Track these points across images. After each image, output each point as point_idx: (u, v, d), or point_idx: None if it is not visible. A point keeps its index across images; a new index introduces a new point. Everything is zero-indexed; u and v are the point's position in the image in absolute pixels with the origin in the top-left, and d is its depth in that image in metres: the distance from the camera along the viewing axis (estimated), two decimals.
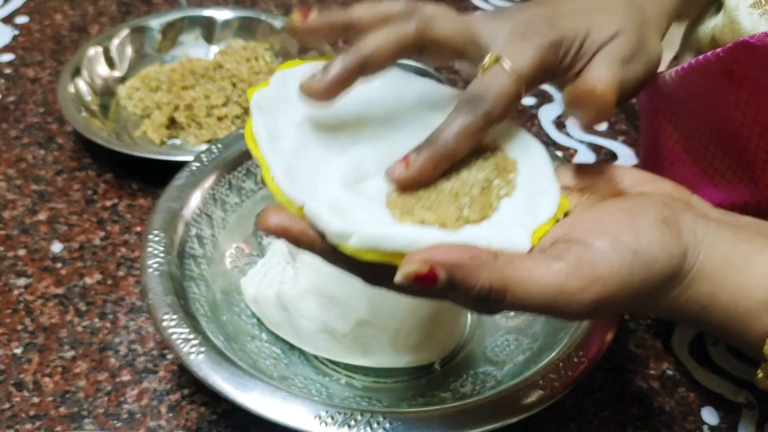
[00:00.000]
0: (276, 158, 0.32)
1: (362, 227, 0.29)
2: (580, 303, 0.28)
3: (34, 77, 0.75)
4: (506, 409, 0.38)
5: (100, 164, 0.64)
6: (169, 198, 0.48)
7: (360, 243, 0.29)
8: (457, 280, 0.27)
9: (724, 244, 0.31)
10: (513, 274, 0.28)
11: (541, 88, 0.75)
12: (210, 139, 0.66)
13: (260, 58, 0.73)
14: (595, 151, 0.67)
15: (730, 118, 0.41)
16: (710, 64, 0.41)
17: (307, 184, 0.32)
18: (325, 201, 0.30)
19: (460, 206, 0.32)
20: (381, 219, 0.31)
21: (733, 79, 0.39)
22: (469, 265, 0.27)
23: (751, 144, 0.40)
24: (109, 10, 0.86)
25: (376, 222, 0.31)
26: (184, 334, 0.40)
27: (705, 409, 0.47)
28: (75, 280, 0.54)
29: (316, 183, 0.32)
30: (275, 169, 0.32)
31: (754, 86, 0.38)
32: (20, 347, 0.49)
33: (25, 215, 0.59)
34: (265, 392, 0.38)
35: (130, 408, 0.46)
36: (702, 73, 0.42)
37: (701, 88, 0.43)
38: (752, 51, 0.37)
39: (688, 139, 0.47)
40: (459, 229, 0.31)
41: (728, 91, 0.40)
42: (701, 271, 0.31)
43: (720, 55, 0.39)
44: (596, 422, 0.46)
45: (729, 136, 0.42)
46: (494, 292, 0.28)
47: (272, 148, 0.32)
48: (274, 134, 0.33)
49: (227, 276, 0.50)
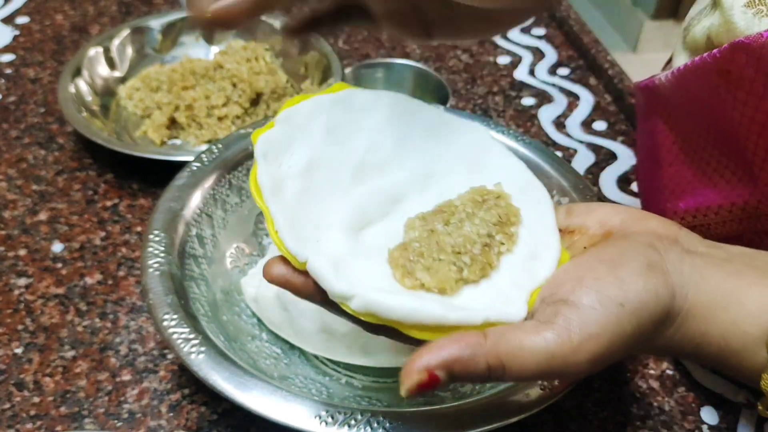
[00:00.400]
0: (280, 209, 0.33)
1: (364, 292, 0.30)
2: (577, 364, 0.29)
3: (35, 77, 0.75)
4: (506, 408, 0.38)
5: (100, 164, 0.64)
6: (169, 198, 0.48)
7: (360, 307, 0.30)
8: (456, 373, 0.28)
9: (712, 280, 0.31)
10: (506, 350, 0.29)
11: (540, 89, 0.75)
12: (210, 139, 0.66)
13: (260, 59, 0.73)
14: (595, 152, 0.67)
15: (728, 119, 0.41)
16: (706, 65, 0.41)
17: (311, 232, 0.33)
18: (328, 257, 0.31)
19: (459, 267, 0.32)
20: (382, 281, 0.32)
21: (729, 79, 0.39)
22: (464, 355, 0.28)
23: (749, 144, 0.40)
24: (109, 11, 0.86)
25: (377, 286, 0.31)
26: (184, 334, 0.40)
27: (704, 409, 0.47)
28: (75, 280, 0.54)
29: (319, 231, 0.33)
30: (279, 221, 0.32)
31: (751, 87, 0.38)
32: (21, 347, 0.49)
33: (26, 215, 0.59)
34: (266, 392, 0.38)
35: (131, 408, 0.46)
36: (698, 74, 0.42)
37: (698, 89, 0.43)
38: (747, 51, 0.37)
39: (686, 141, 0.47)
40: (457, 292, 0.32)
41: (725, 92, 0.40)
42: (692, 309, 0.31)
43: (716, 56, 0.40)
44: (596, 422, 0.46)
45: (727, 137, 0.42)
46: (493, 371, 0.29)
47: (276, 198, 0.33)
48: (278, 182, 0.34)
49: (228, 276, 0.50)
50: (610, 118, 0.72)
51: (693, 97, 0.44)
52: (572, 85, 0.76)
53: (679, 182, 0.48)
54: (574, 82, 0.77)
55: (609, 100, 0.74)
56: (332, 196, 0.35)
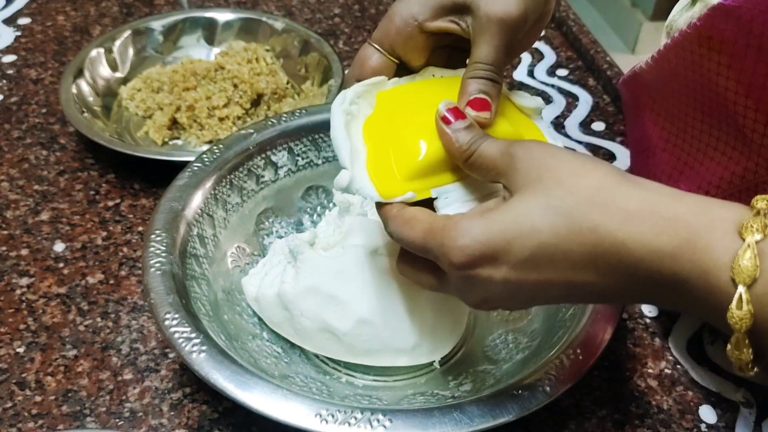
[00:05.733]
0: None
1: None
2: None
3: (37, 78, 0.75)
4: (505, 407, 0.38)
5: (102, 165, 0.64)
6: (170, 198, 0.48)
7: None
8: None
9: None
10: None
11: (539, 89, 0.76)
12: (211, 139, 0.67)
13: (261, 60, 0.73)
14: (593, 152, 0.68)
15: (714, 86, 0.41)
16: (687, 37, 0.41)
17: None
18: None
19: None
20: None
21: (711, 46, 0.40)
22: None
23: (738, 107, 0.40)
24: (110, 12, 0.87)
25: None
26: (185, 333, 0.40)
27: (703, 408, 0.47)
28: (77, 279, 0.54)
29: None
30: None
31: (733, 48, 0.39)
32: (23, 346, 0.50)
33: (28, 215, 0.60)
34: (266, 391, 0.38)
35: (132, 407, 0.46)
36: (680, 48, 0.42)
37: (680, 65, 0.43)
38: (727, 13, 0.38)
39: (675, 122, 0.47)
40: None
41: (708, 60, 0.40)
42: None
43: (696, 24, 0.40)
44: (595, 420, 0.46)
45: (715, 106, 0.42)
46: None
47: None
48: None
49: (228, 275, 0.50)
50: (608, 118, 0.72)
51: (676, 75, 0.44)
52: (571, 86, 0.76)
53: (676, 165, 0.48)
54: (573, 83, 0.77)
55: (608, 100, 0.74)
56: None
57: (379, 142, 0.37)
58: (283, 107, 0.70)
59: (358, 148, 0.37)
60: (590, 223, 0.29)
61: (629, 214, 0.29)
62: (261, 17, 0.78)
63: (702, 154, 0.45)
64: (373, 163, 0.36)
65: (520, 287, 0.32)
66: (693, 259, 0.28)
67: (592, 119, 0.72)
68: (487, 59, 0.37)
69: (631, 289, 0.31)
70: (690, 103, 0.45)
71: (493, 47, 0.37)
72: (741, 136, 0.41)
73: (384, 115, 0.38)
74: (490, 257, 0.31)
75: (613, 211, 0.29)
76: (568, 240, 0.30)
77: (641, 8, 2.12)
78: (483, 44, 0.37)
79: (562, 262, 0.30)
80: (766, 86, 0.38)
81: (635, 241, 0.29)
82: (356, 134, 0.38)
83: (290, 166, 0.55)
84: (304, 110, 0.56)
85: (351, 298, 0.44)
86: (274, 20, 0.77)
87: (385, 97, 0.39)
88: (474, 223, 0.31)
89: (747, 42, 0.38)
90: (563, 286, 0.31)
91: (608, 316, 0.43)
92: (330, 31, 0.85)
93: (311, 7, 0.89)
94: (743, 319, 0.27)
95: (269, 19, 0.77)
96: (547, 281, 0.31)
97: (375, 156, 0.37)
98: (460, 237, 0.31)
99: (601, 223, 0.29)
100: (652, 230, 0.29)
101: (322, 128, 0.55)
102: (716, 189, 0.44)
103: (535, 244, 0.30)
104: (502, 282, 0.31)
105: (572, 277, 0.31)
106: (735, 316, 0.27)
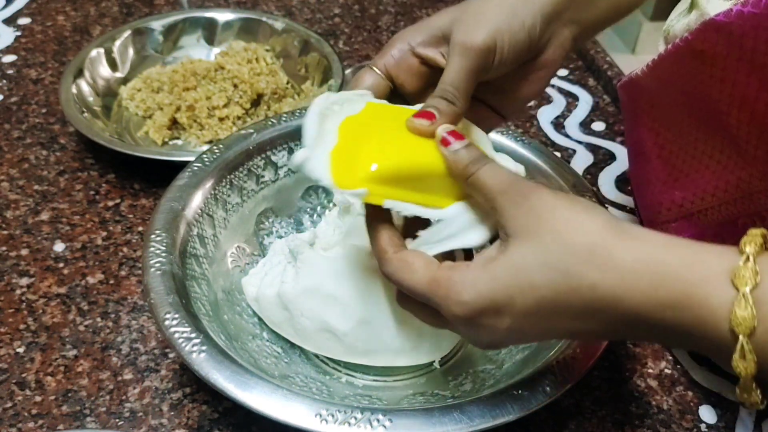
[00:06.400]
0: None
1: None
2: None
3: (37, 78, 0.75)
4: (505, 406, 0.38)
5: (102, 165, 0.64)
6: (170, 198, 0.48)
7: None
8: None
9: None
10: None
11: None
12: (211, 139, 0.67)
13: (261, 60, 0.73)
14: (593, 152, 0.68)
15: (707, 98, 0.41)
16: (680, 50, 0.42)
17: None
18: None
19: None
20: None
21: (704, 59, 0.40)
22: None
23: (732, 119, 0.40)
24: (110, 12, 0.87)
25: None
26: (185, 333, 0.40)
27: (703, 408, 0.47)
28: (77, 279, 0.54)
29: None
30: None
31: (725, 63, 0.39)
32: (23, 346, 0.50)
33: (28, 215, 0.60)
34: (266, 391, 0.38)
35: (132, 406, 0.46)
36: (673, 59, 0.43)
37: (675, 74, 0.44)
38: (719, 29, 0.38)
39: (670, 129, 0.47)
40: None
41: (701, 72, 0.41)
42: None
43: (689, 39, 0.41)
44: (595, 420, 0.46)
45: (709, 117, 0.43)
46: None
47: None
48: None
49: (228, 275, 0.50)
50: (608, 118, 0.72)
51: (671, 84, 0.45)
52: (571, 86, 0.76)
53: (671, 172, 0.48)
54: (573, 83, 0.77)
55: (608, 100, 0.74)
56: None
57: (352, 138, 0.36)
58: (283, 107, 0.70)
59: (328, 136, 0.36)
60: (588, 280, 0.30)
61: (626, 270, 0.30)
62: (261, 17, 0.78)
63: (697, 162, 0.46)
64: (338, 154, 0.36)
65: (525, 333, 0.33)
66: (691, 312, 0.29)
67: (592, 119, 0.72)
68: (445, 80, 0.38)
69: (633, 333, 0.32)
70: (685, 112, 0.45)
71: (453, 70, 0.38)
72: (735, 146, 0.42)
73: (367, 119, 0.38)
74: (493, 311, 0.32)
75: (610, 268, 0.30)
76: (568, 296, 0.30)
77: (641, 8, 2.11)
78: (447, 66, 0.38)
79: (563, 314, 0.31)
80: (758, 99, 0.38)
81: (633, 297, 0.29)
82: (331, 125, 0.37)
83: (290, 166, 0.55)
84: (304, 110, 0.56)
85: (351, 298, 0.44)
86: (274, 20, 0.77)
87: (374, 107, 0.39)
88: (478, 277, 0.32)
89: (739, 56, 0.38)
90: (566, 331, 0.32)
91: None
92: (330, 31, 0.85)
93: (311, 7, 0.89)
94: (747, 368, 0.28)
95: (269, 19, 0.77)
96: (551, 328, 0.32)
97: (343, 148, 0.36)
98: (465, 292, 0.32)
99: (599, 281, 0.30)
100: (650, 286, 0.29)
101: None
102: (711, 197, 0.45)
103: (536, 299, 0.31)
104: (507, 330, 0.32)
105: (574, 326, 0.32)
106: (739, 366, 0.28)
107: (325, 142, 0.36)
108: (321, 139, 0.36)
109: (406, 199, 0.35)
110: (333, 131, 0.37)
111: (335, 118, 0.37)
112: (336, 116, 0.37)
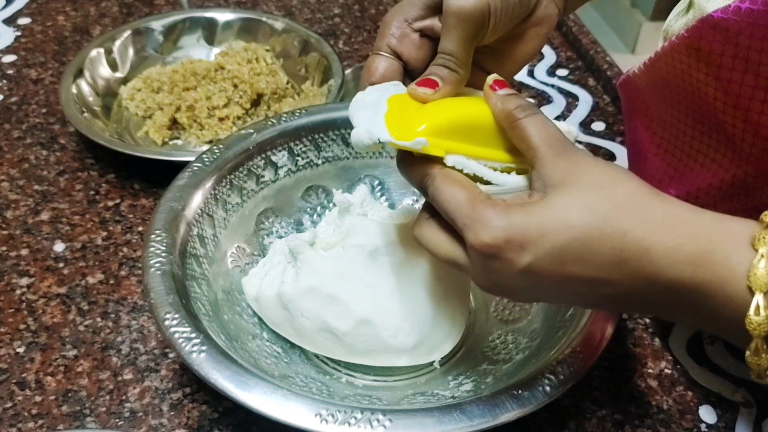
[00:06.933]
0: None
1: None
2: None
3: (37, 78, 0.75)
4: (505, 406, 0.38)
5: (102, 165, 0.64)
6: (170, 198, 0.48)
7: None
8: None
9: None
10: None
11: (540, 89, 0.76)
12: (211, 139, 0.67)
13: (261, 60, 0.73)
14: (594, 152, 0.68)
15: (703, 96, 0.41)
16: (676, 47, 0.42)
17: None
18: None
19: None
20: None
21: (700, 57, 0.40)
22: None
23: (727, 117, 0.40)
24: (110, 12, 0.87)
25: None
26: (185, 333, 0.40)
27: (703, 408, 0.47)
28: (77, 279, 0.54)
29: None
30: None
31: (721, 60, 0.39)
32: (23, 346, 0.50)
33: (28, 215, 0.60)
34: (266, 391, 0.38)
35: (132, 406, 0.46)
36: (669, 57, 0.43)
37: (671, 72, 0.44)
38: (715, 26, 0.38)
39: (666, 128, 0.47)
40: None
41: (697, 70, 0.41)
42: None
43: (684, 36, 0.41)
44: (594, 420, 0.46)
45: (704, 114, 0.43)
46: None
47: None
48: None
49: (228, 275, 0.50)
50: (608, 118, 0.72)
51: (666, 82, 0.45)
52: (571, 86, 0.76)
53: (666, 170, 0.48)
54: (573, 83, 0.77)
55: (608, 100, 0.74)
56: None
57: (402, 106, 0.37)
58: (283, 107, 0.70)
59: (379, 107, 0.37)
60: (621, 228, 0.31)
61: (656, 224, 0.31)
62: (261, 17, 0.78)
63: (692, 160, 0.46)
64: (391, 117, 0.36)
65: (540, 280, 0.32)
66: (712, 269, 0.30)
67: (592, 119, 0.72)
68: (444, 49, 0.38)
69: (648, 296, 0.32)
70: (680, 110, 0.45)
71: (450, 39, 0.38)
72: (730, 144, 0.42)
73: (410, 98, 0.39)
74: (518, 244, 0.31)
75: (642, 220, 0.31)
76: (599, 241, 0.31)
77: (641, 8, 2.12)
78: (443, 36, 0.38)
79: (588, 261, 0.31)
80: (753, 97, 0.38)
81: (659, 250, 0.31)
82: (380, 101, 0.37)
83: (290, 166, 0.55)
84: (304, 110, 0.56)
85: (351, 298, 0.44)
86: (274, 20, 0.77)
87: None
88: (516, 210, 0.32)
89: (734, 54, 0.38)
90: (583, 284, 0.32)
91: (608, 316, 0.43)
92: (330, 31, 0.85)
93: (311, 7, 0.89)
94: (761, 325, 0.29)
95: (269, 19, 0.77)
96: (570, 276, 0.32)
97: (395, 112, 0.36)
98: (497, 218, 0.32)
99: (631, 229, 0.31)
100: (675, 241, 0.31)
101: (322, 128, 0.55)
102: (705, 195, 0.45)
103: (567, 240, 0.31)
104: (523, 270, 0.32)
105: (595, 275, 0.32)
106: (753, 322, 0.29)
107: (377, 113, 0.36)
108: (373, 111, 0.37)
109: (462, 151, 0.36)
110: (383, 104, 0.37)
111: (380, 98, 0.38)
112: (381, 97, 0.38)
